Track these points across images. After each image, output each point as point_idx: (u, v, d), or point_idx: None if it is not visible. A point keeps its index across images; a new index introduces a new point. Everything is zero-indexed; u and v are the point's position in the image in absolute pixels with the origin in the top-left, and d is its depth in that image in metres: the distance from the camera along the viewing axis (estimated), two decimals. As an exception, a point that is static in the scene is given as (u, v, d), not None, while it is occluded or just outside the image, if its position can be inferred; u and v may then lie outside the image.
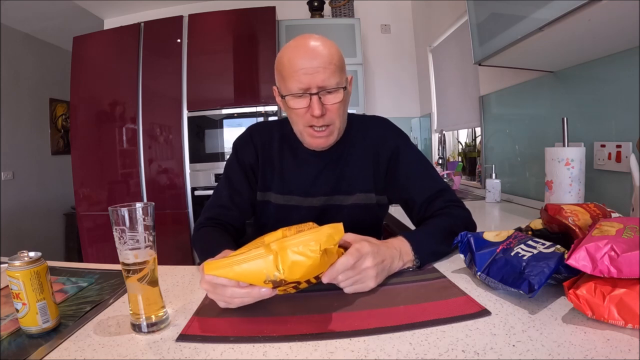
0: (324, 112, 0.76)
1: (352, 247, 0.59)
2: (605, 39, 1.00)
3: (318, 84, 0.74)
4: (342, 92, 0.77)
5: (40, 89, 3.41)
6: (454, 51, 2.29)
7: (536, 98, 1.49)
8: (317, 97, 0.75)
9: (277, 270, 0.49)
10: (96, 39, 2.52)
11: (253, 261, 0.50)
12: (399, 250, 0.67)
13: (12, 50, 3.08)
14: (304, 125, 0.80)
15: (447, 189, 0.87)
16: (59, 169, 3.55)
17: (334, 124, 0.80)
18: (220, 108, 2.36)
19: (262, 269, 0.49)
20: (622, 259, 0.46)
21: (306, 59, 0.73)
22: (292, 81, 0.75)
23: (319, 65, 0.73)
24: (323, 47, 0.75)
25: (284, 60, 0.76)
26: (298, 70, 0.73)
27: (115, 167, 2.46)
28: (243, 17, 2.41)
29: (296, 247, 0.49)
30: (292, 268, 0.49)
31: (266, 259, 0.49)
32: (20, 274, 0.49)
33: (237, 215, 0.88)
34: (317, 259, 0.49)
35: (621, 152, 1.07)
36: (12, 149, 3.10)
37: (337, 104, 0.77)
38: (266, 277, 0.49)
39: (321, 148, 0.84)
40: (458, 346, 0.44)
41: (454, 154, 2.58)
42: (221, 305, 0.56)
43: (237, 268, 0.50)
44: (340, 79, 0.77)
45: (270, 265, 0.49)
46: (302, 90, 0.75)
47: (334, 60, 0.75)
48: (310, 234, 0.51)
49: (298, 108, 0.77)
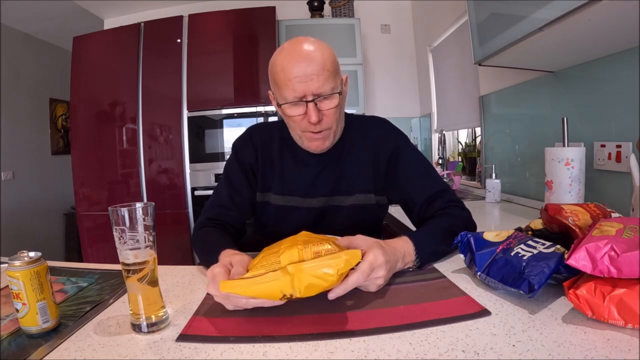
0: (320, 118, 0.76)
1: (366, 263, 0.57)
2: (605, 39, 1.00)
3: (313, 91, 0.73)
4: (337, 97, 0.77)
5: (40, 89, 3.41)
6: (454, 51, 2.29)
7: (536, 98, 1.49)
8: (313, 104, 0.74)
9: (293, 290, 0.50)
10: (96, 39, 2.51)
11: (269, 283, 0.51)
12: (402, 252, 0.67)
13: (12, 50, 3.08)
14: (302, 130, 0.80)
15: (447, 189, 0.86)
16: (59, 169, 3.55)
17: (330, 128, 0.80)
18: (220, 108, 2.36)
19: (279, 288, 0.50)
20: (622, 259, 0.46)
21: (299, 66, 0.72)
22: (287, 90, 0.74)
23: (313, 73, 0.72)
24: (316, 52, 0.74)
25: (278, 69, 0.75)
26: (292, 78, 0.73)
27: (115, 167, 2.46)
28: (243, 17, 2.41)
29: (314, 272, 0.50)
30: (309, 289, 0.50)
31: (283, 280, 0.50)
32: (20, 274, 0.49)
33: (237, 215, 0.88)
34: (333, 283, 0.51)
35: (621, 152, 1.07)
36: (12, 149, 3.10)
37: (333, 109, 0.77)
38: (282, 294, 0.51)
39: (320, 151, 0.84)
40: (458, 346, 0.44)
41: (454, 154, 2.58)
42: (229, 307, 0.56)
43: (254, 288, 0.51)
44: (335, 84, 0.76)
45: (287, 285, 0.50)
46: (297, 99, 0.74)
47: (327, 65, 0.74)
48: (329, 259, 0.52)
49: (294, 115, 0.77)
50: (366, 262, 0.57)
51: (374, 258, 0.58)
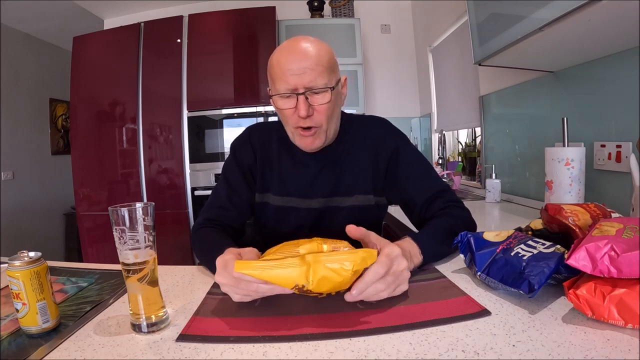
0: (310, 113, 0.76)
1: (382, 255, 0.55)
2: (605, 39, 1.00)
3: (305, 84, 0.74)
4: (329, 92, 0.76)
5: (40, 89, 3.41)
6: (454, 51, 2.29)
7: (536, 98, 1.49)
8: (303, 97, 0.75)
9: (307, 281, 0.50)
10: (96, 39, 2.51)
11: (285, 269, 0.51)
12: (409, 253, 0.66)
13: (12, 50, 3.08)
14: (293, 126, 0.80)
15: (447, 189, 0.87)
16: (59, 169, 3.55)
17: (320, 126, 0.79)
18: (220, 108, 2.36)
19: (293, 277, 0.51)
20: (622, 259, 0.46)
21: (294, 60, 0.74)
22: (280, 82, 0.75)
23: (307, 67, 0.73)
24: (312, 48, 0.75)
25: (274, 62, 0.77)
26: (286, 71, 0.74)
27: (115, 167, 2.46)
28: (243, 17, 2.41)
29: (330, 264, 0.51)
30: (321, 282, 0.50)
31: (299, 269, 0.51)
32: (20, 274, 0.49)
33: (235, 216, 0.88)
34: (347, 278, 0.51)
35: (621, 152, 1.07)
36: (12, 149, 3.10)
37: (324, 104, 0.76)
38: (295, 284, 0.51)
39: (309, 149, 0.83)
40: (458, 346, 0.44)
41: (454, 154, 2.58)
42: (235, 298, 0.56)
43: (269, 272, 0.51)
44: (328, 80, 0.76)
45: (302, 275, 0.50)
46: (289, 91, 0.75)
47: (323, 61, 0.75)
48: (347, 254, 0.52)
49: (285, 108, 0.77)
50: (383, 253, 0.56)
51: (390, 250, 0.57)
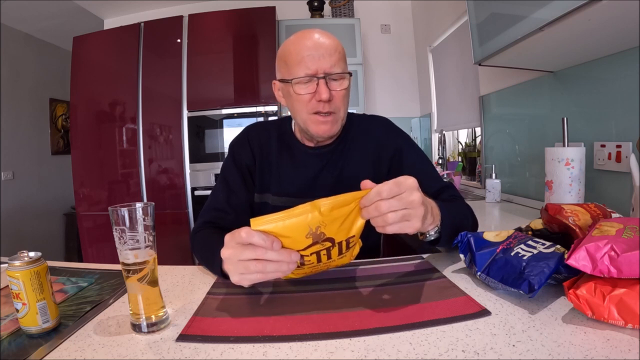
0: (330, 98, 0.77)
1: (394, 179, 0.54)
2: (605, 39, 1.00)
3: (325, 69, 0.75)
4: (347, 79, 0.79)
5: (40, 89, 3.41)
6: (454, 51, 2.29)
7: (536, 98, 1.49)
8: (324, 81, 0.76)
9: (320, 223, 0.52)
10: (96, 39, 2.52)
11: (298, 217, 0.52)
12: (430, 205, 0.62)
13: (12, 50, 3.08)
14: (309, 112, 0.79)
15: (449, 185, 0.87)
16: (59, 169, 3.56)
17: (338, 112, 0.80)
18: (220, 108, 2.36)
19: (307, 222, 0.52)
20: (622, 259, 0.46)
21: (313, 46, 0.75)
22: (299, 67, 0.75)
23: (325, 51, 0.75)
24: (327, 37, 0.78)
25: (290, 48, 0.77)
26: (305, 56, 0.75)
27: (115, 167, 2.46)
28: (243, 17, 2.41)
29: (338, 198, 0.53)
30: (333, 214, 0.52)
31: (311, 214, 0.52)
32: (20, 274, 0.49)
33: (233, 217, 0.87)
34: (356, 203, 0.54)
35: (621, 152, 1.07)
36: (12, 149, 3.10)
37: (342, 90, 0.78)
38: (309, 229, 0.52)
39: (327, 135, 0.83)
40: (458, 346, 0.44)
41: (454, 154, 2.58)
42: (235, 279, 0.55)
43: (286, 222, 0.52)
44: (344, 68, 0.79)
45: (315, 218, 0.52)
46: (309, 75, 0.75)
47: (339, 49, 0.78)
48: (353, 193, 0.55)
49: (304, 94, 0.77)
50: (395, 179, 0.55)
51: (404, 178, 0.55)
